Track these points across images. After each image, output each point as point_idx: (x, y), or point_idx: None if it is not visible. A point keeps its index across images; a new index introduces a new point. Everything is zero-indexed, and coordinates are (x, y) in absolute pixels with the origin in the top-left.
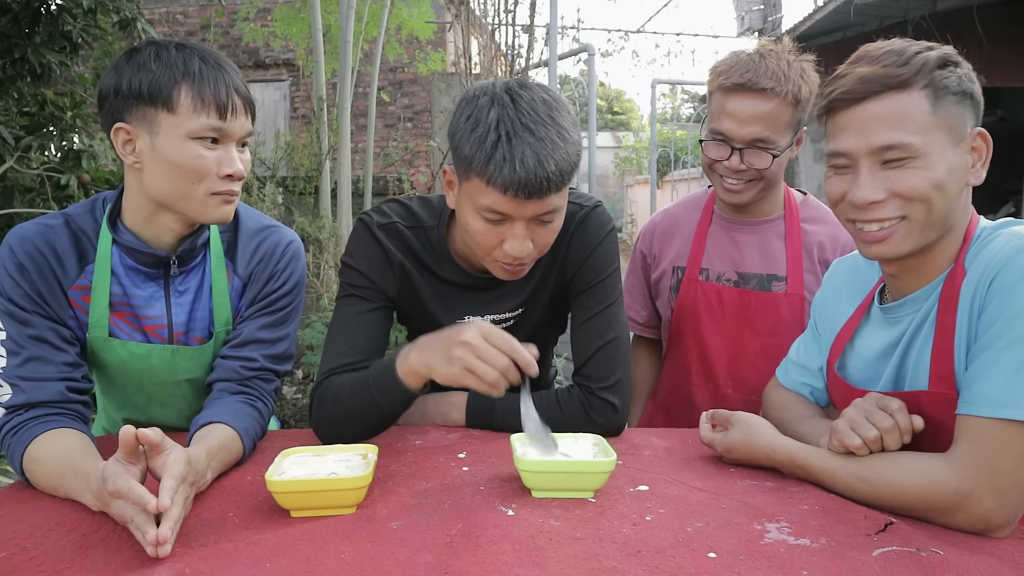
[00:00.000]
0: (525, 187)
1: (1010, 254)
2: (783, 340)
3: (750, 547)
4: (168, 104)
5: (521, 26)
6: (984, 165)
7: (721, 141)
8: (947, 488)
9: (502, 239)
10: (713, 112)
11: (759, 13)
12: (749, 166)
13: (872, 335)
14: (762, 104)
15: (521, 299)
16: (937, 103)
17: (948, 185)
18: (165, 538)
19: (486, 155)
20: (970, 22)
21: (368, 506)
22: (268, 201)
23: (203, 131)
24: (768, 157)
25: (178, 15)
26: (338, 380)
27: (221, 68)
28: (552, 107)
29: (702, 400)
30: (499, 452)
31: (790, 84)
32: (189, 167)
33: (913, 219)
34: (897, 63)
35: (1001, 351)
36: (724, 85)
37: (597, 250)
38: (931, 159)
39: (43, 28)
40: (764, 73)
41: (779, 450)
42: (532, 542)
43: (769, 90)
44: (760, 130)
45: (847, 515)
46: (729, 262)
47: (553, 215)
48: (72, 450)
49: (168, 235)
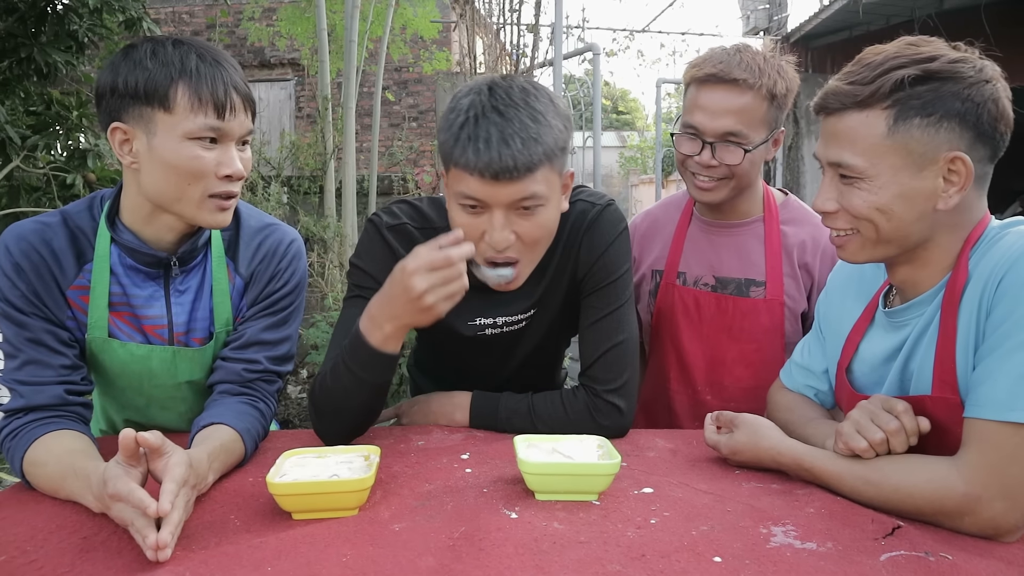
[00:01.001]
0: (489, 166)
1: (1018, 255)
2: (762, 346)
3: (756, 551)
4: (165, 103)
5: (526, 25)
6: (960, 191)
7: (693, 135)
8: (955, 492)
9: (483, 231)
10: (686, 106)
11: (765, 12)
12: (720, 161)
13: (877, 339)
14: (735, 97)
15: (533, 300)
16: (896, 126)
17: (896, 209)
18: (165, 543)
19: (454, 137)
20: (977, 21)
21: (370, 508)
22: (273, 200)
23: (201, 131)
24: (740, 152)
25: (184, 15)
26: (321, 372)
27: (219, 65)
28: (529, 94)
29: (681, 407)
30: (502, 453)
31: (764, 78)
32: (187, 168)
33: (864, 234)
34: (864, 80)
35: (1009, 353)
36: (697, 76)
37: (609, 250)
38: (877, 182)
39: (49, 28)
40: (738, 65)
41: (785, 452)
42: (535, 546)
43: (742, 81)
44: (732, 123)
45: (854, 518)
46: (706, 266)
47: (533, 203)
48: (73, 452)
49: (168, 234)
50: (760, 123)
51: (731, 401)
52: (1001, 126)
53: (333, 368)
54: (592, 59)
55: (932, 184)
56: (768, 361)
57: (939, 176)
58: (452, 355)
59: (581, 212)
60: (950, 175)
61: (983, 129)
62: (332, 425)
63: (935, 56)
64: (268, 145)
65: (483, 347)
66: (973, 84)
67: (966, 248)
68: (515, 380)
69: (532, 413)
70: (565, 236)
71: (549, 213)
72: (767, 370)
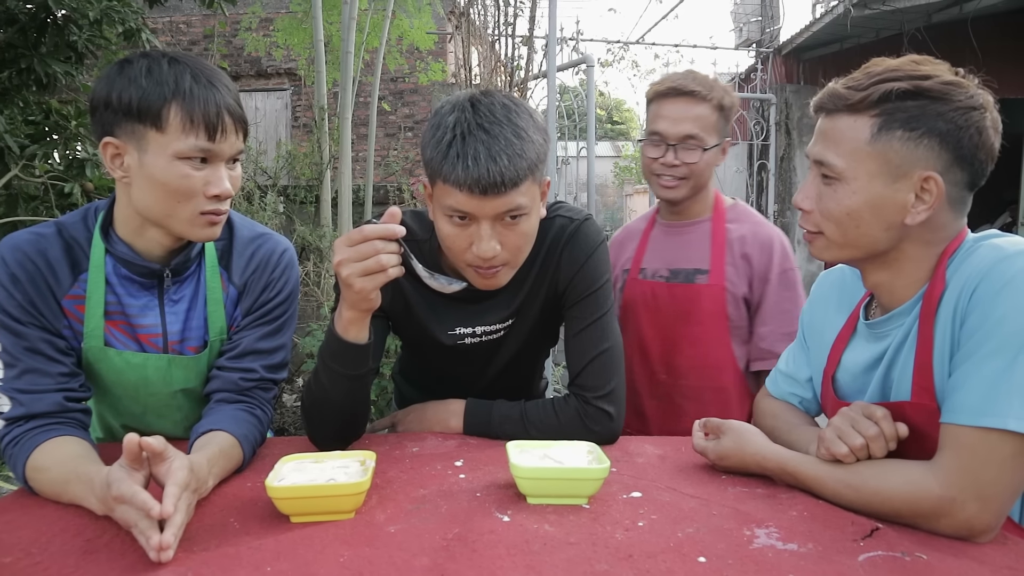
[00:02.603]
0: (479, 182)
1: (991, 264)
2: (707, 328)
3: (739, 552)
4: (157, 123)
5: (521, 37)
6: (929, 210)
7: (657, 141)
8: (931, 495)
9: (471, 242)
10: (650, 118)
11: (757, 25)
12: (681, 161)
13: (859, 349)
14: (692, 106)
15: (511, 310)
16: (879, 134)
17: (864, 216)
18: (168, 544)
19: (442, 155)
20: (964, 34)
21: (366, 511)
22: (269, 210)
23: (191, 151)
24: (698, 152)
25: (181, 24)
26: (308, 378)
27: (213, 87)
28: (511, 110)
29: (641, 385)
30: (495, 460)
31: (716, 92)
32: (176, 187)
33: (828, 236)
34: (860, 86)
35: (982, 360)
36: (659, 91)
37: (588, 262)
38: (852, 186)
39: (49, 38)
40: (692, 80)
41: (769, 458)
42: (527, 546)
43: (697, 93)
44: (691, 128)
45: (835, 521)
46: (663, 260)
47: (518, 214)
48: (75, 456)
49: (158, 248)
50: (712, 129)
51: (683, 379)
52: (981, 154)
53: (315, 368)
54: (586, 70)
55: (903, 197)
56: (713, 340)
57: (911, 191)
58: (432, 363)
59: (560, 227)
60: (922, 192)
61: (962, 153)
62: (320, 428)
63: (931, 75)
64: (264, 155)
65: (462, 356)
66: (960, 108)
67: (943, 259)
68: (494, 388)
69: (525, 420)
70: (544, 250)
71: (531, 221)
72: (713, 349)
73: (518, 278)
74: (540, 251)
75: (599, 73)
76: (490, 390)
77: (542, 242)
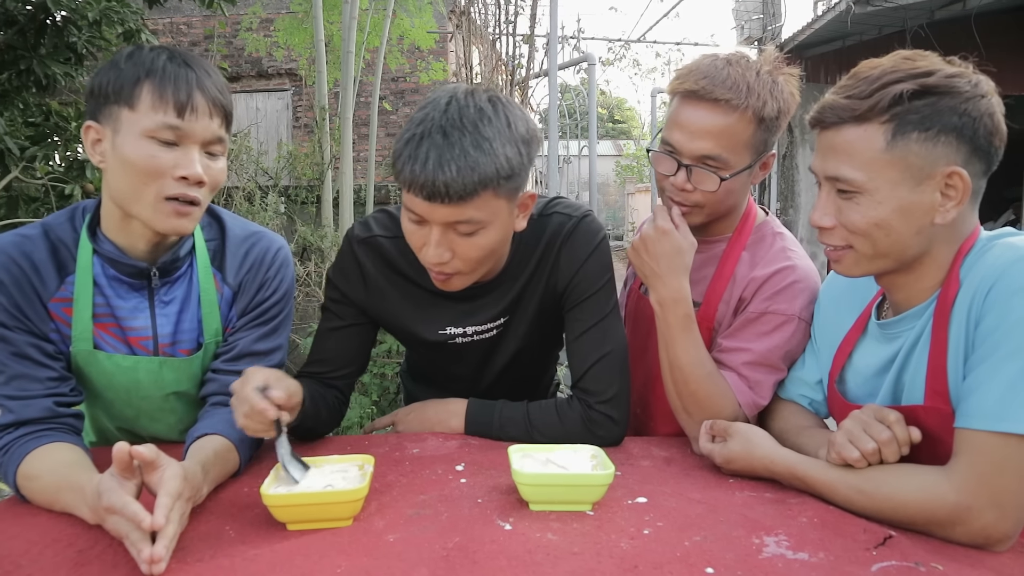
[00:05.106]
0: (423, 188)
1: (1007, 265)
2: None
3: (748, 562)
4: (129, 101)
5: (522, 36)
6: (958, 205)
7: (670, 153)
8: (946, 502)
9: (424, 243)
10: (668, 119)
11: (759, 22)
12: (695, 186)
13: (870, 350)
14: (716, 117)
15: (501, 309)
16: (895, 140)
17: (894, 224)
18: (160, 557)
19: (399, 151)
20: (968, 31)
21: (365, 519)
22: (270, 210)
23: (158, 129)
24: (715, 180)
25: (181, 25)
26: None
27: (188, 67)
28: (484, 115)
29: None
30: (497, 463)
31: (752, 98)
32: (143, 166)
33: (859, 250)
34: (862, 94)
35: (999, 363)
36: (678, 90)
37: (588, 262)
38: (876, 196)
39: (48, 40)
40: (722, 82)
41: (778, 461)
42: (529, 557)
43: (725, 102)
44: (710, 146)
45: (846, 528)
46: None
47: (472, 228)
48: (66, 464)
49: (140, 242)
50: (743, 147)
51: (662, 399)
52: (996, 140)
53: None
54: (587, 69)
55: (930, 198)
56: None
57: (936, 190)
58: (430, 363)
59: (558, 224)
60: (947, 189)
61: (979, 143)
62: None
63: (932, 71)
64: (265, 155)
65: (456, 355)
66: (970, 99)
67: (957, 259)
68: (497, 387)
69: (528, 422)
70: (542, 248)
71: (490, 236)
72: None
73: (511, 277)
74: (537, 249)
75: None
76: (493, 389)
77: (539, 240)
